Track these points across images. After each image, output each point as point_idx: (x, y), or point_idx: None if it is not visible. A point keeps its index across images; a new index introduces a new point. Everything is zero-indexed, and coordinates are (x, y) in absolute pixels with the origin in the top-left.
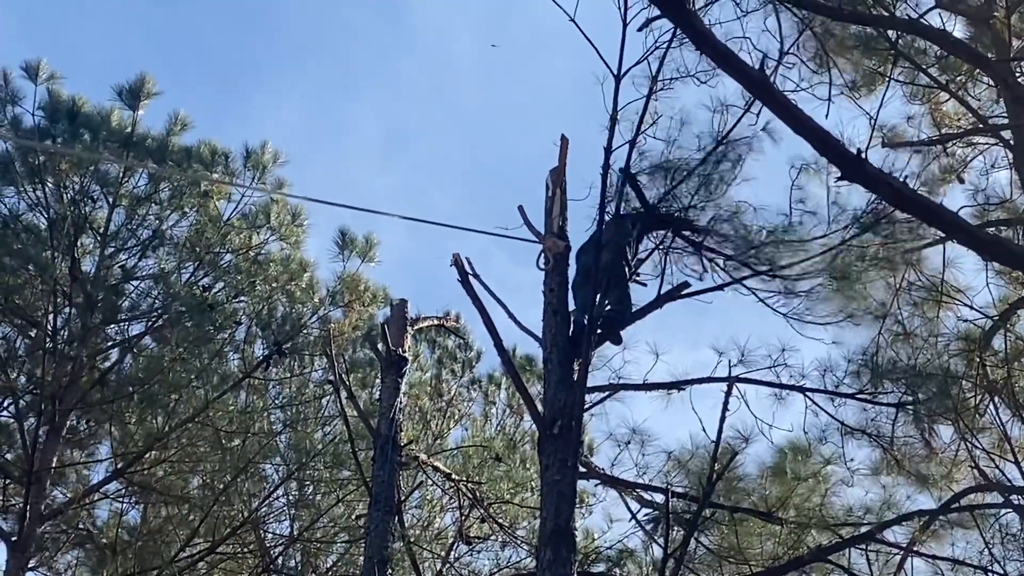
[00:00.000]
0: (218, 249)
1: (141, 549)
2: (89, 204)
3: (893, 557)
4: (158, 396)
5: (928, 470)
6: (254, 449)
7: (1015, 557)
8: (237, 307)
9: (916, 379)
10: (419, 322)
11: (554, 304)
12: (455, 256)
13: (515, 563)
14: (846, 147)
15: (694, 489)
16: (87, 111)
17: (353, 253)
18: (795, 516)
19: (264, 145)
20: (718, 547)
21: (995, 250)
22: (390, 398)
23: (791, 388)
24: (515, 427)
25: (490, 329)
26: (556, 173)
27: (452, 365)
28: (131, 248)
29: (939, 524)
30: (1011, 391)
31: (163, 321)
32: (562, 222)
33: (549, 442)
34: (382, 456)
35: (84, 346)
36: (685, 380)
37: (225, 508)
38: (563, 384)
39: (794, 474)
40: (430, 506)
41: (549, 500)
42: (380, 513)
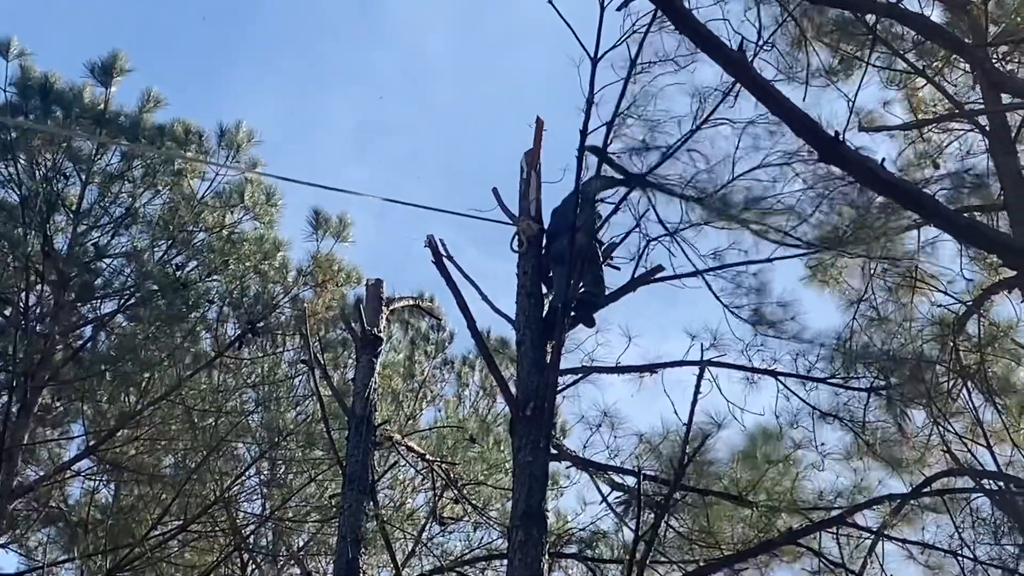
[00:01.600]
0: (191, 228)
1: (113, 527)
2: (62, 181)
3: (864, 541)
4: (131, 374)
5: (900, 454)
6: (227, 428)
7: (985, 541)
8: (210, 286)
9: (889, 364)
10: (394, 302)
11: (528, 286)
12: (429, 237)
13: (487, 544)
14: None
15: (665, 472)
16: (59, 88)
17: (327, 233)
18: (766, 500)
19: (239, 124)
20: (689, 530)
21: (971, 235)
22: (365, 377)
23: (763, 372)
24: (488, 409)
25: (464, 310)
26: (531, 155)
27: (426, 346)
28: (104, 226)
29: (910, 508)
30: (984, 376)
31: (136, 299)
32: (536, 204)
33: (522, 424)
34: (356, 436)
35: (57, 324)
36: (657, 363)
37: (197, 487)
38: (536, 366)
39: (765, 458)
40: (403, 487)
41: (521, 481)
42: (354, 493)
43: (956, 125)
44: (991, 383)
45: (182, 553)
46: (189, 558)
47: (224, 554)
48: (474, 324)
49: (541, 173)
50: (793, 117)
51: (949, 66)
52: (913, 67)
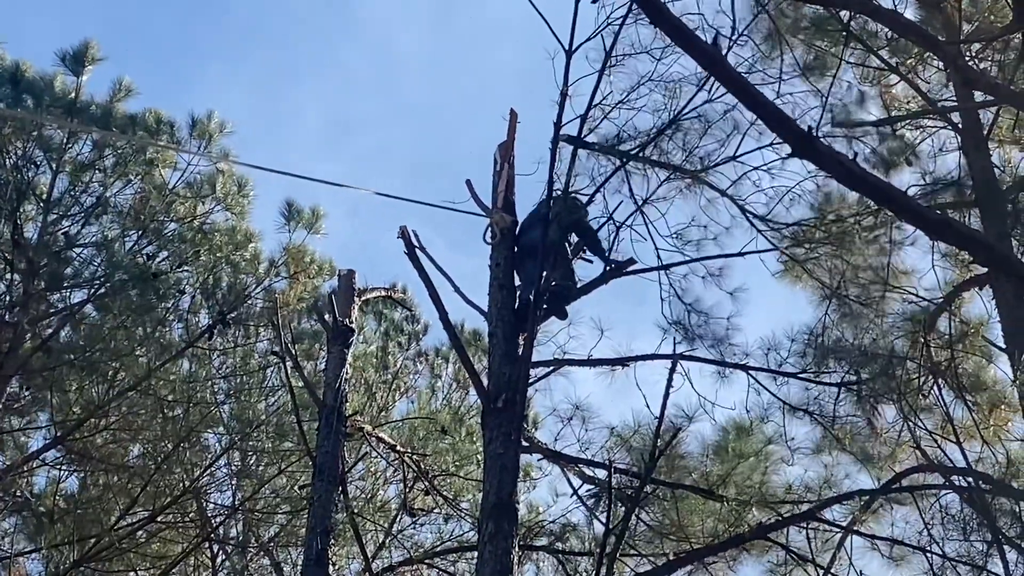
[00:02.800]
0: (162, 218)
1: (80, 517)
2: (32, 170)
3: (833, 536)
4: (100, 364)
5: (871, 450)
6: (197, 419)
7: (954, 537)
8: (181, 276)
9: (860, 359)
10: (366, 293)
11: (500, 278)
12: (402, 228)
13: (458, 536)
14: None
15: (636, 466)
16: (30, 76)
17: (299, 225)
18: (736, 494)
19: (210, 114)
20: (659, 523)
21: (942, 231)
22: (336, 368)
23: (734, 366)
24: (461, 401)
25: (435, 301)
26: (504, 147)
27: (399, 338)
28: (74, 215)
29: (880, 504)
30: (955, 373)
31: (106, 289)
32: (510, 196)
33: (493, 416)
34: (327, 426)
35: (25, 313)
36: (629, 357)
37: (166, 477)
38: (508, 358)
39: (736, 452)
40: (374, 478)
41: (492, 473)
42: (324, 484)
43: (929, 122)
44: (962, 380)
45: (150, 543)
46: (157, 548)
47: (193, 545)
48: (446, 315)
49: (515, 165)
50: (767, 112)
51: (923, 63)
52: (887, 64)
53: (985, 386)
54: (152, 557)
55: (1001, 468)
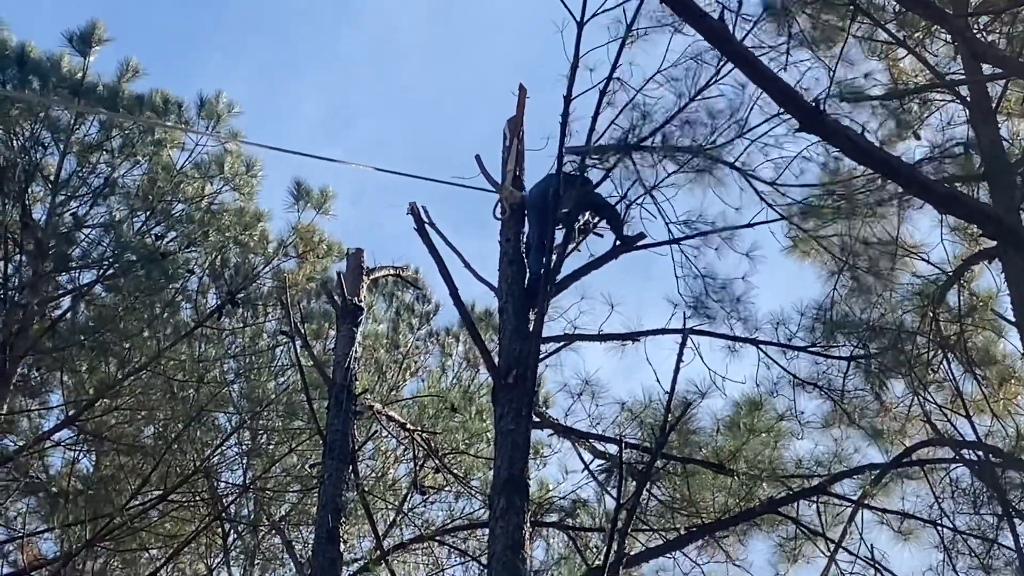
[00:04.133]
0: (170, 198)
1: (93, 497)
2: (40, 151)
3: (843, 510)
4: (110, 345)
5: (881, 424)
6: (207, 398)
7: (964, 511)
8: (190, 257)
9: (869, 334)
10: (375, 272)
11: (510, 254)
12: (411, 205)
13: (469, 514)
14: (805, 99)
15: (647, 441)
16: (36, 57)
17: (308, 205)
18: (746, 468)
19: (218, 95)
20: (670, 498)
21: (950, 204)
22: (345, 347)
23: (744, 340)
24: (472, 379)
25: (445, 277)
26: (513, 123)
27: (410, 318)
28: (82, 196)
29: (890, 478)
30: (964, 347)
31: (115, 270)
32: (519, 171)
33: (504, 392)
34: (336, 405)
35: (35, 294)
36: (640, 331)
37: (177, 457)
38: (518, 334)
39: (747, 427)
40: (384, 457)
41: (503, 449)
42: (334, 462)
43: (937, 96)
44: (971, 354)
45: (162, 523)
46: (169, 528)
47: (204, 524)
48: (456, 291)
49: (524, 141)
50: (774, 87)
51: (930, 36)
52: (894, 38)
53: (995, 360)
54: (164, 536)
55: (1011, 441)
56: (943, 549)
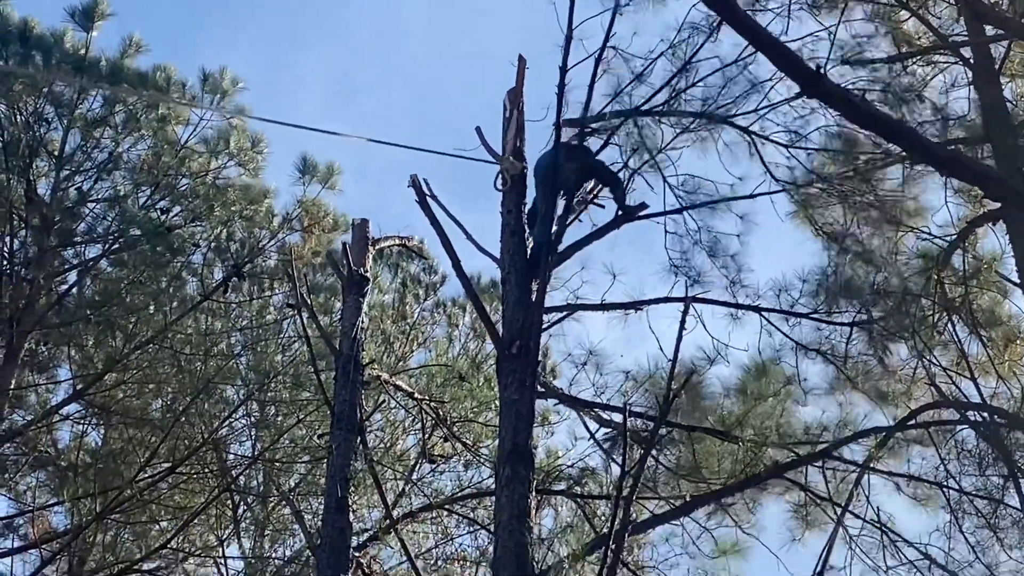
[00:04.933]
0: (175, 173)
1: (102, 470)
2: (44, 126)
3: (850, 474)
4: (116, 319)
5: (885, 388)
6: (214, 371)
7: (970, 472)
8: (195, 231)
9: (874, 298)
10: (380, 242)
11: (512, 225)
12: (412, 177)
13: (479, 483)
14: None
15: (652, 409)
16: (39, 33)
17: (314, 179)
18: (752, 435)
19: (223, 70)
20: (676, 466)
21: (953, 166)
22: (352, 317)
23: (747, 308)
24: (479, 349)
25: (447, 249)
26: (513, 94)
27: (416, 289)
28: (87, 171)
29: (896, 441)
30: (969, 309)
31: (120, 244)
32: (519, 142)
33: (508, 362)
34: (344, 375)
35: (41, 269)
36: (642, 300)
37: (186, 429)
38: (521, 304)
39: (751, 393)
40: (393, 428)
41: (507, 419)
42: (342, 432)
43: (940, 58)
44: (976, 316)
45: (172, 495)
46: (179, 500)
47: (214, 495)
48: (458, 262)
49: (524, 112)
50: (775, 51)
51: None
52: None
53: (1000, 321)
54: (174, 508)
55: (1016, 402)
56: (950, 511)
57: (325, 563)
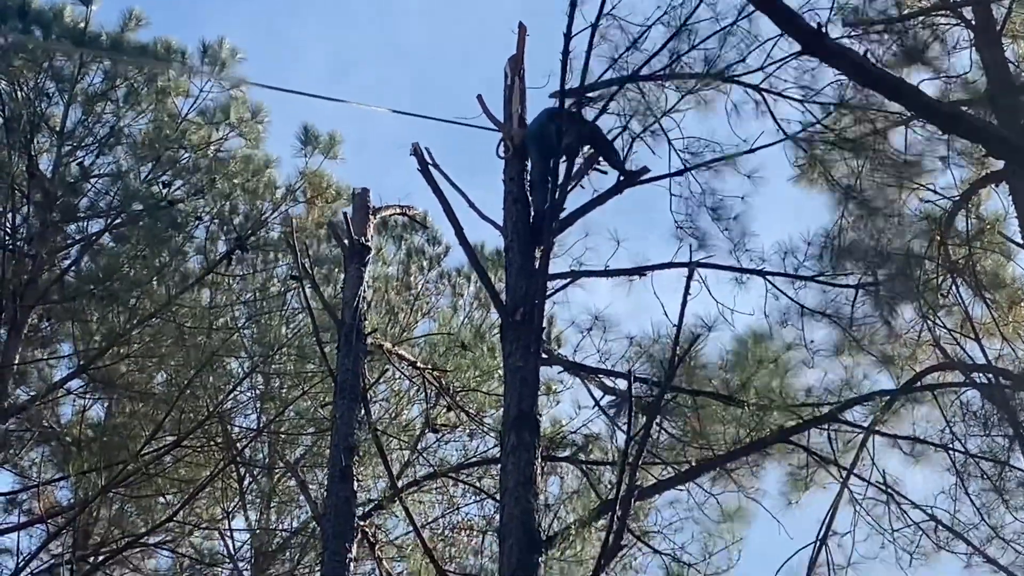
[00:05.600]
0: (177, 146)
1: (106, 444)
2: (45, 101)
3: (855, 437)
4: (119, 294)
5: (891, 351)
6: (218, 344)
7: (976, 433)
8: (197, 204)
9: (878, 260)
10: (381, 211)
11: (514, 192)
12: (414, 145)
13: (483, 452)
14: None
15: (656, 374)
16: (38, 7)
17: (316, 150)
18: (756, 399)
19: (221, 41)
20: (681, 431)
21: (955, 125)
22: (353, 287)
23: (751, 272)
24: (483, 318)
25: (450, 216)
26: (514, 61)
27: (420, 260)
28: (88, 146)
29: (900, 403)
30: (973, 271)
31: (122, 219)
32: (521, 110)
33: (511, 329)
34: (347, 344)
35: (43, 245)
36: (646, 266)
37: (190, 402)
38: (524, 272)
39: (756, 358)
40: (397, 398)
41: (512, 386)
42: (346, 401)
43: (942, 19)
44: (980, 277)
45: (177, 468)
46: (184, 473)
47: (219, 468)
48: (461, 230)
49: (525, 79)
50: (776, 9)
51: None
52: None
53: (1003, 283)
54: (179, 481)
55: (1021, 364)
56: (955, 472)
57: (331, 533)
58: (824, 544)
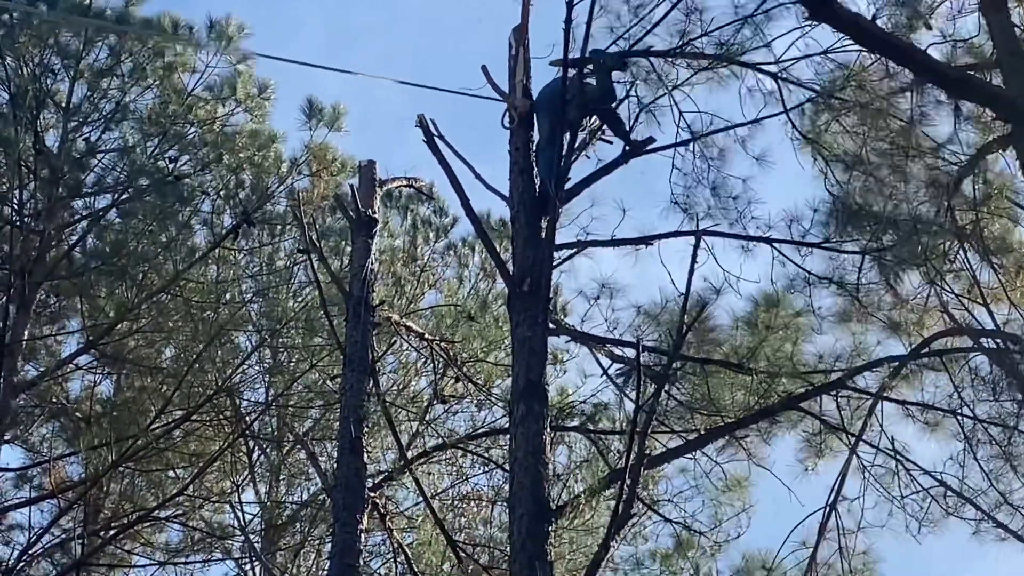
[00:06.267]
0: (183, 122)
1: (116, 419)
2: (50, 77)
3: (863, 403)
4: (127, 269)
5: (899, 317)
6: (226, 318)
7: (984, 398)
8: (204, 179)
9: (885, 226)
10: (388, 183)
11: (520, 163)
12: (420, 117)
13: (491, 422)
14: None
15: (665, 343)
16: None
17: (321, 123)
18: (766, 366)
19: (228, 17)
20: (690, 399)
21: (964, 88)
22: (361, 259)
23: (758, 240)
24: (489, 289)
25: (456, 188)
26: (519, 31)
27: (426, 231)
28: (94, 121)
29: (909, 369)
30: (980, 236)
31: (129, 194)
32: (526, 80)
33: (519, 299)
34: (355, 317)
35: (51, 221)
36: (652, 235)
37: (199, 377)
38: (531, 242)
39: (764, 325)
40: (405, 369)
41: (520, 356)
42: (354, 373)
43: None
44: (987, 243)
45: (186, 442)
46: (194, 447)
47: (228, 442)
48: (467, 201)
49: (529, 49)
50: None
51: None
52: None
53: (1011, 248)
54: (188, 455)
55: None
56: (964, 439)
57: (341, 505)
58: (834, 509)
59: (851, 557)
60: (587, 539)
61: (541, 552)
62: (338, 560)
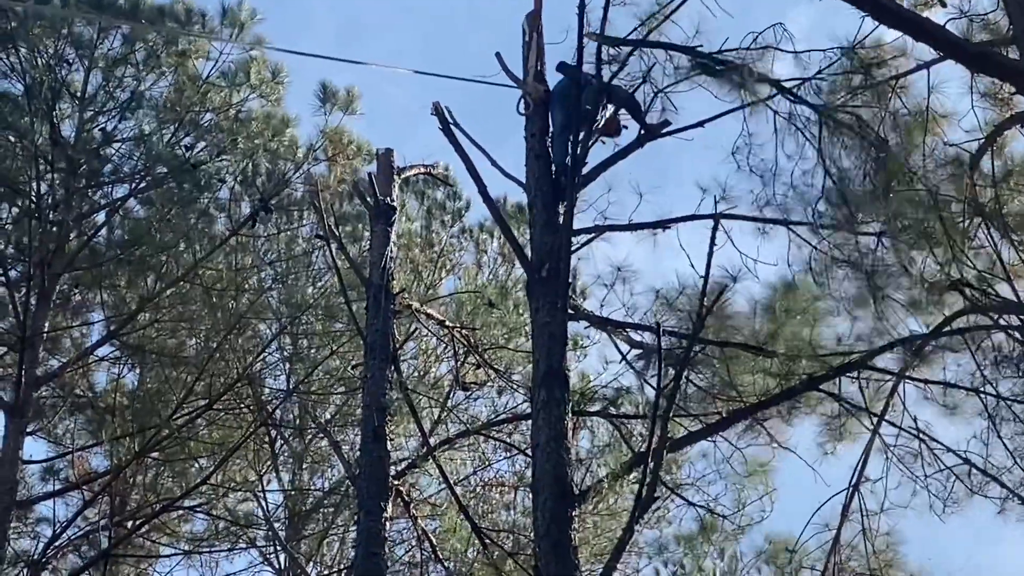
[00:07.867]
0: (198, 109)
1: (139, 410)
2: (65, 68)
3: (885, 384)
4: (146, 258)
5: (919, 296)
6: (246, 306)
7: (1008, 375)
8: (220, 166)
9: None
10: (405, 171)
11: (536, 148)
12: (435, 104)
13: (512, 408)
14: None
15: (684, 327)
16: None
17: (335, 107)
18: (786, 349)
19: (241, 3)
20: (710, 383)
21: (982, 62)
22: (380, 247)
23: (775, 222)
24: (508, 274)
25: (473, 175)
26: (532, 17)
27: (442, 216)
28: (110, 111)
29: (930, 349)
30: (1000, 213)
31: (147, 183)
32: (540, 66)
33: (538, 285)
34: (375, 305)
35: (69, 211)
36: (670, 219)
37: (220, 365)
38: (549, 227)
39: (784, 307)
40: (425, 356)
41: (540, 342)
42: (376, 362)
43: None
44: (1007, 220)
45: (209, 431)
46: (217, 436)
47: (251, 430)
48: (484, 188)
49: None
50: None
51: None
52: None
53: None
54: (211, 444)
55: None
56: (987, 417)
57: (365, 493)
58: (857, 490)
59: (874, 538)
60: (611, 523)
61: (565, 537)
62: (363, 548)
